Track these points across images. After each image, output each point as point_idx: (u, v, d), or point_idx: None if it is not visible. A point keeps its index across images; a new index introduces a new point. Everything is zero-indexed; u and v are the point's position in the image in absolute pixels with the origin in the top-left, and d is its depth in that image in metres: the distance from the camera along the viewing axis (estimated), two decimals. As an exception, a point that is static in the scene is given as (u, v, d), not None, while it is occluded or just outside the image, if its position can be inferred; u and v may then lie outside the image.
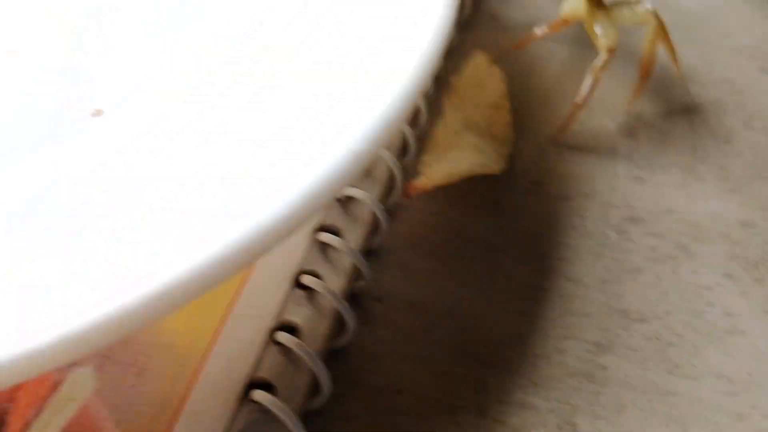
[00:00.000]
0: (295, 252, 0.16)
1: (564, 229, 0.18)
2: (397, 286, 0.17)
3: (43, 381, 0.14)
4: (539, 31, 0.20)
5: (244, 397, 0.14)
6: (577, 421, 0.15)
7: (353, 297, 0.16)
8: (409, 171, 0.18)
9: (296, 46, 0.16)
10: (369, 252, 0.17)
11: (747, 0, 0.26)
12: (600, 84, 0.20)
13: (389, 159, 0.18)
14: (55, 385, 0.14)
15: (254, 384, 0.14)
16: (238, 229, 0.12)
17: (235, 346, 0.15)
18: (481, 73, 0.21)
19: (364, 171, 0.18)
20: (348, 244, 0.16)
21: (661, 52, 0.21)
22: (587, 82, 0.20)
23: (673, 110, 0.21)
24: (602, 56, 0.20)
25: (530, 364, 0.16)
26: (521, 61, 0.22)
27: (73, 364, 0.15)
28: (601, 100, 0.21)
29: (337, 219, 0.17)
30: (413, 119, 0.20)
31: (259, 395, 0.14)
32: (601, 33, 0.20)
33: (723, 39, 0.24)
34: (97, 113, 0.17)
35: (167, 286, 0.11)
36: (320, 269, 0.16)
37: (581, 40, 0.22)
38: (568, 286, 0.17)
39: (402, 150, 0.19)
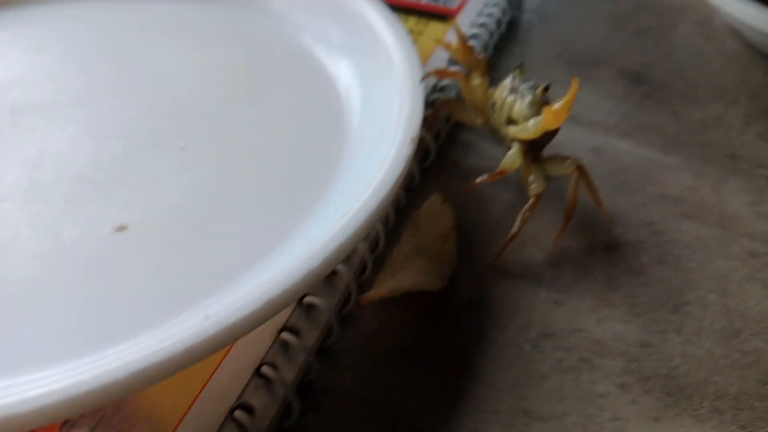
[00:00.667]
0: (260, 346, 0.20)
1: (487, 341, 0.22)
2: (343, 381, 0.21)
3: (50, 437, 0.18)
4: (481, 179, 0.25)
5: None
6: (475, 499, 0.18)
7: (305, 387, 0.20)
8: (366, 286, 0.23)
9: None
10: (324, 350, 0.21)
11: (677, 157, 0.30)
12: (530, 222, 0.24)
13: (347, 274, 0.22)
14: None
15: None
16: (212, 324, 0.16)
17: (202, 420, 0.19)
18: (436, 209, 0.26)
19: (326, 282, 0.22)
20: (304, 343, 0.20)
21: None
22: (518, 221, 0.24)
23: (595, 246, 0.25)
24: (530, 200, 0.24)
25: (444, 450, 0.19)
26: (472, 201, 0.27)
27: (73, 426, 0.19)
28: (533, 235, 0.25)
29: (299, 321, 0.21)
30: (374, 245, 0.24)
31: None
32: (532, 181, 0.25)
33: (651, 188, 0.28)
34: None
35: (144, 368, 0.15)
36: (279, 362, 0.20)
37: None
38: (484, 388, 0.21)
39: (362, 268, 0.23)
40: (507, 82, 0.27)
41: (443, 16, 0.37)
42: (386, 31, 0.29)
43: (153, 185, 0.25)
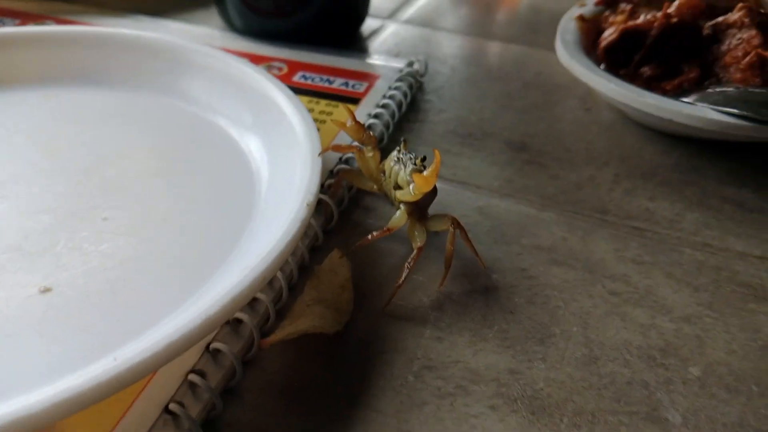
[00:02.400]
0: (170, 387, 0.23)
1: (376, 375, 0.25)
2: (246, 417, 0.23)
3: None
4: (371, 236, 0.29)
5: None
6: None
7: (209, 423, 0.23)
8: (270, 333, 0.26)
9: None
10: (229, 390, 0.24)
11: (552, 213, 0.34)
12: (418, 271, 0.28)
13: (250, 322, 0.25)
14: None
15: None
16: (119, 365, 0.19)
17: (115, 452, 0.21)
18: (335, 264, 0.29)
19: (231, 330, 0.25)
20: (209, 383, 0.23)
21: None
22: (404, 271, 0.27)
23: (474, 290, 0.29)
24: (414, 253, 0.28)
25: (334, 470, 0.22)
26: (369, 256, 0.30)
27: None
28: (422, 282, 0.29)
29: (205, 364, 0.24)
30: (278, 297, 0.27)
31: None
32: (415, 237, 0.28)
33: (526, 240, 0.32)
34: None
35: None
36: (186, 400, 0.23)
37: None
38: (371, 414, 0.23)
39: (266, 318, 0.26)
40: (394, 154, 0.31)
41: (352, 99, 0.42)
42: (290, 111, 0.33)
43: (76, 251, 0.27)
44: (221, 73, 0.37)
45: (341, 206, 0.33)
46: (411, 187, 0.28)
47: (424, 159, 0.29)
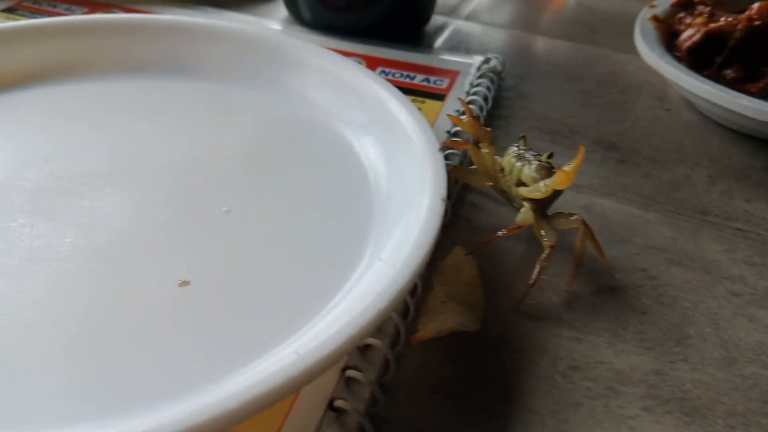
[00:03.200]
0: (326, 386, 0.22)
1: (523, 373, 0.25)
2: (402, 413, 0.23)
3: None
4: (500, 233, 0.28)
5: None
6: None
7: (371, 418, 0.22)
8: (410, 328, 0.25)
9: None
10: (382, 386, 0.23)
11: (655, 213, 0.34)
12: (546, 271, 0.27)
13: (397, 318, 0.25)
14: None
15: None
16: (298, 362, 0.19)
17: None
18: (459, 261, 0.29)
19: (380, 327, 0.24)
20: (367, 377, 0.23)
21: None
22: (536, 270, 0.27)
23: (602, 290, 0.29)
24: (545, 251, 0.27)
25: (502, 470, 0.21)
26: (490, 253, 0.30)
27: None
28: (547, 282, 0.29)
29: (358, 361, 0.23)
30: (413, 291, 0.27)
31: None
32: (544, 235, 0.28)
33: (638, 239, 0.32)
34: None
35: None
36: (347, 396, 0.22)
37: (533, 239, 0.30)
38: (528, 414, 0.23)
39: (405, 312, 0.26)
40: (513, 150, 0.30)
41: (437, 95, 0.41)
42: (403, 111, 0.32)
43: (205, 244, 0.27)
44: (331, 72, 0.36)
45: (451, 202, 0.33)
46: (542, 183, 0.28)
47: (551, 156, 0.29)
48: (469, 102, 0.40)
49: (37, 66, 0.37)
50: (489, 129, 0.31)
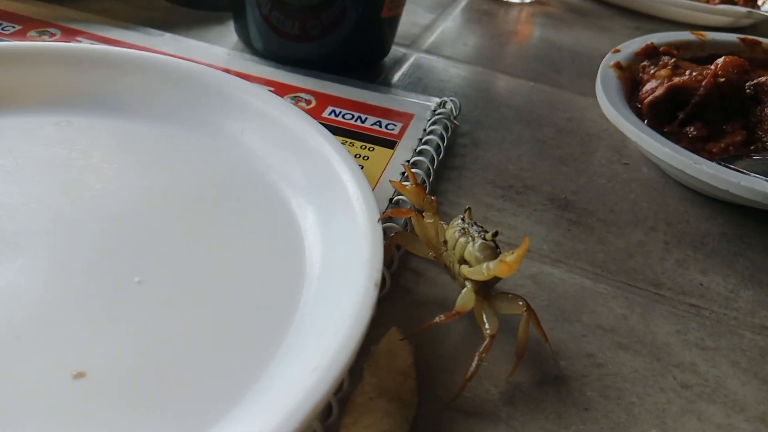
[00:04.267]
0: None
1: (453, 485, 0.22)
2: None
3: None
4: (438, 318, 0.26)
5: None
6: None
7: None
8: (332, 430, 0.23)
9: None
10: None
11: (606, 285, 0.32)
12: (486, 358, 0.25)
13: (315, 424, 0.22)
14: None
15: None
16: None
17: None
18: (394, 345, 0.26)
19: None
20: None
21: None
22: (474, 362, 0.25)
23: (545, 380, 0.27)
24: (486, 341, 0.25)
25: None
26: (428, 334, 0.28)
27: None
28: (487, 369, 0.27)
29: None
30: (339, 387, 0.24)
31: None
32: (486, 321, 0.26)
33: (587, 317, 0.30)
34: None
35: None
36: None
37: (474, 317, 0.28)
38: None
39: (327, 412, 0.24)
40: (457, 223, 0.28)
41: (388, 141, 0.39)
42: (346, 173, 0.30)
43: (111, 325, 0.24)
44: (274, 120, 0.33)
45: (391, 270, 0.30)
46: (484, 266, 0.26)
47: (496, 234, 0.27)
48: (420, 152, 0.38)
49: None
50: (434, 198, 0.29)
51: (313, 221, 0.30)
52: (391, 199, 0.34)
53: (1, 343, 0.23)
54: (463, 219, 0.28)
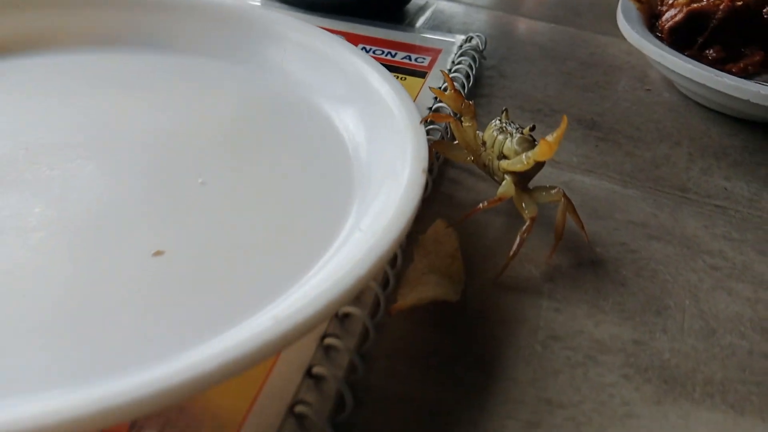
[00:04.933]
0: (306, 352, 0.22)
1: (503, 344, 0.24)
2: (382, 382, 0.23)
3: (120, 439, 0.19)
4: (481, 205, 0.28)
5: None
6: (516, 475, 0.20)
7: (351, 386, 0.22)
8: (390, 300, 0.25)
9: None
10: (361, 355, 0.23)
11: (635, 189, 0.34)
12: (526, 243, 0.27)
13: (376, 288, 0.24)
14: (129, 443, 0.19)
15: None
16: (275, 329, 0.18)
17: (263, 416, 0.20)
18: (440, 234, 0.28)
19: (358, 296, 0.24)
20: (346, 345, 0.22)
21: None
22: (516, 242, 0.27)
23: (582, 263, 0.29)
24: (526, 224, 0.27)
25: (481, 437, 0.21)
26: (471, 227, 0.30)
27: (141, 428, 0.20)
28: (527, 254, 0.28)
29: (337, 329, 0.23)
30: (393, 262, 0.26)
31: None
32: (525, 207, 0.28)
33: (619, 215, 0.32)
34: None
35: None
36: (326, 362, 0.22)
37: (513, 213, 0.29)
38: (508, 383, 0.23)
39: (385, 283, 0.25)
40: (495, 123, 0.30)
41: (418, 72, 0.41)
42: (384, 84, 0.32)
43: (180, 215, 0.26)
44: (311, 46, 0.35)
45: (432, 176, 0.32)
46: (523, 156, 0.28)
47: (533, 128, 0.29)
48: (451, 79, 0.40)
49: (5, 38, 0.36)
50: (471, 102, 0.31)
51: (356, 129, 0.31)
52: (429, 108, 0.36)
53: (84, 231, 0.25)
54: (500, 120, 0.30)
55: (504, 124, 0.30)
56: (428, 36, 0.46)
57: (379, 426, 0.21)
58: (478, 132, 0.31)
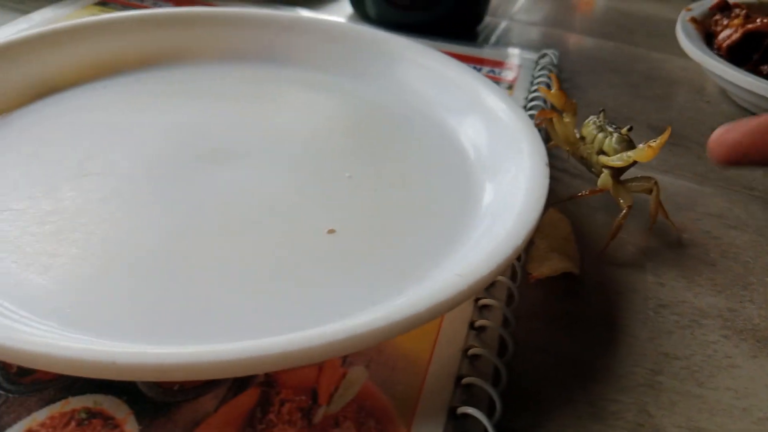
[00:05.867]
0: (467, 311, 0.27)
1: (621, 310, 0.29)
2: (525, 337, 0.27)
3: (335, 373, 0.24)
4: (583, 192, 0.33)
5: (455, 386, 0.24)
6: (649, 410, 0.25)
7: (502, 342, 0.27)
8: (523, 272, 0.30)
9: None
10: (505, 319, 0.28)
11: (709, 187, 0.39)
12: (624, 228, 0.32)
13: (515, 264, 0.29)
14: (344, 375, 0.24)
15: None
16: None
17: (444, 359, 0.25)
18: (554, 219, 0.33)
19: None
20: (499, 303, 0.27)
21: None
22: (615, 224, 0.32)
23: (674, 246, 0.33)
24: (624, 211, 0.32)
25: (615, 381, 0.26)
26: (576, 218, 0.34)
27: (351, 364, 0.24)
28: (628, 239, 0.33)
29: (488, 292, 0.28)
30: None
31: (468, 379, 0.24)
32: (623, 197, 0.33)
33: (699, 208, 0.37)
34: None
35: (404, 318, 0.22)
36: (485, 317, 0.27)
37: (610, 209, 0.34)
38: (630, 339, 0.28)
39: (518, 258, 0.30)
40: (593, 120, 0.35)
41: (504, 85, 0.46)
42: (493, 94, 0.37)
43: (340, 200, 0.31)
44: (424, 62, 0.40)
45: (533, 174, 0.37)
46: (625, 154, 0.32)
47: (630, 129, 0.34)
48: (534, 92, 0.45)
49: (151, 52, 0.42)
50: (574, 101, 0.35)
51: (475, 135, 0.36)
52: (524, 107, 0.41)
53: (262, 216, 0.30)
54: (598, 118, 0.35)
55: (603, 123, 0.34)
56: (507, 52, 0.51)
57: (530, 369, 0.26)
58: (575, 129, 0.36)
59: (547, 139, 0.38)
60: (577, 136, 0.36)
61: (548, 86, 0.46)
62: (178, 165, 0.33)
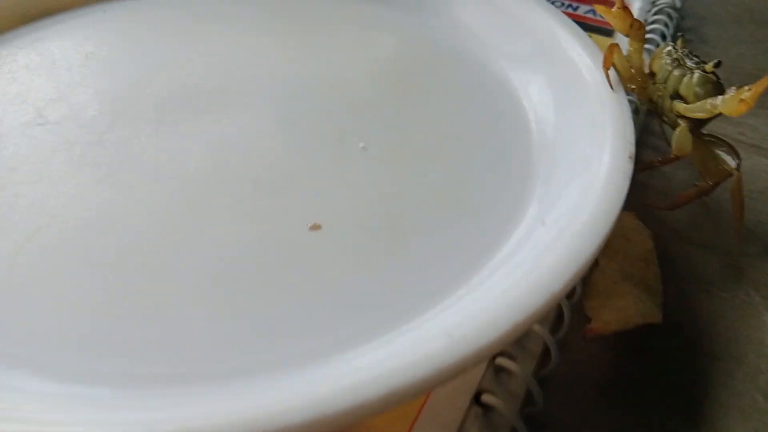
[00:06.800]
0: (474, 373, 0.18)
1: (712, 386, 0.20)
2: (560, 417, 0.19)
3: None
4: (655, 161, 0.24)
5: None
6: None
7: (526, 419, 0.18)
8: (576, 310, 0.21)
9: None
10: (540, 380, 0.19)
11: None
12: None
13: (563, 303, 0.20)
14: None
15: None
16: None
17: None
18: (629, 230, 0.24)
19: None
20: (523, 368, 0.18)
21: None
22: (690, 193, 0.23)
23: None
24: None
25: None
26: (668, 221, 0.25)
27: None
28: (751, 275, 0.23)
29: (512, 347, 0.19)
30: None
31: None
32: (704, 166, 0.23)
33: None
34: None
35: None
36: (496, 391, 0.18)
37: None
38: (721, 439, 0.18)
39: (570, 292, 0.21)
40: (668, 50, 0.25)
41: (604, 30, 0.36)
42: (574, 44, 0.27)
43: (340, 184, 0.23)
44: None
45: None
46: (708, 103, 0.22)
47: (718, 65, 0.23)
48: (646, 41, 0.34)
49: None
50: (642, 23, 0.25)
51: (540, 97, 0.27)
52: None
53: (238, 188, 0.22)
54: (674, 48, 0.25)
55: (681, 55, 0.24)
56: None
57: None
58: (644, 59, 0.25)
59: (636, 111, 0.28)
60: (646, 71, 0.25)
61: (664, 37, 0.35)
62: (151, 113, 0.25)
